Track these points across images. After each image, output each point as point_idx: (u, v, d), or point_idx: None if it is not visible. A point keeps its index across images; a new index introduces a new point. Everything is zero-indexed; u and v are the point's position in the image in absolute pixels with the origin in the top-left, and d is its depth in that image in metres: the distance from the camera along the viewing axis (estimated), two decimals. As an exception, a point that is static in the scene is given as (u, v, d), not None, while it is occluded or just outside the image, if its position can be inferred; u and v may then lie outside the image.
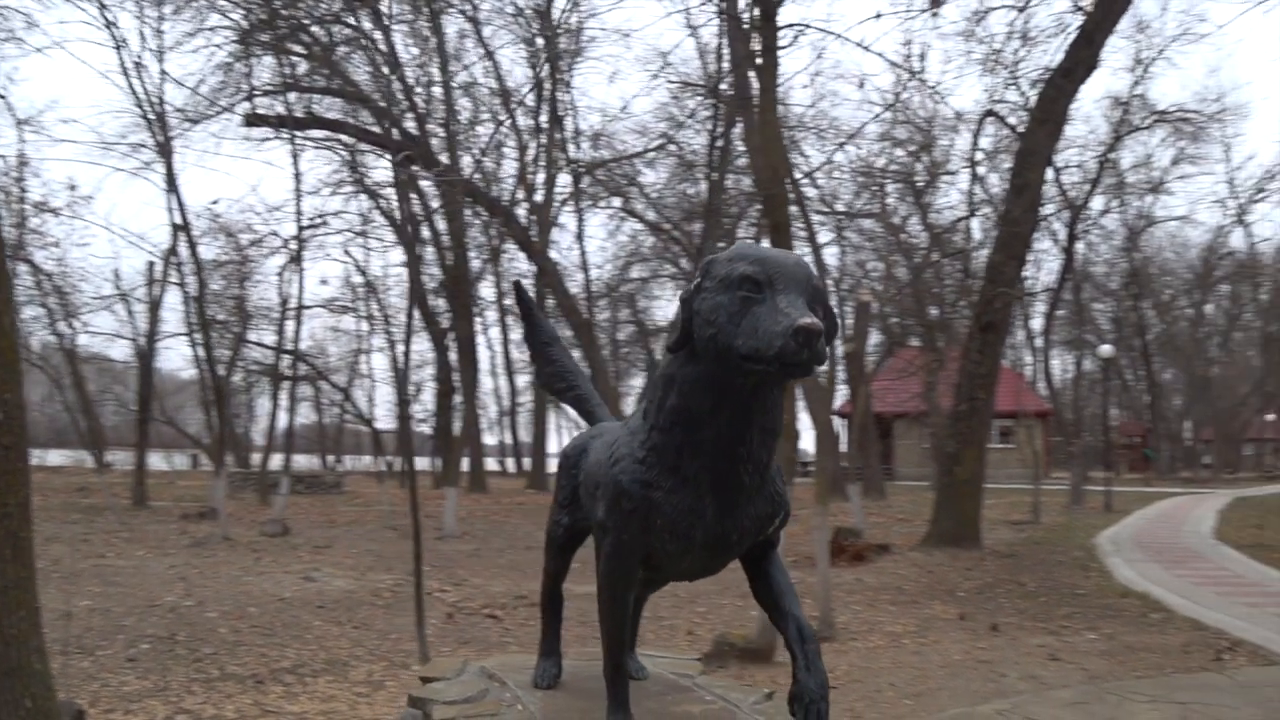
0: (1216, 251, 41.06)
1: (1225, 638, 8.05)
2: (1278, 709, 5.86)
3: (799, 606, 2.30)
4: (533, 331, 3.23)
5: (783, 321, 1.87)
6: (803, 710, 2.15)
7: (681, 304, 2.11)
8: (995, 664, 7.36)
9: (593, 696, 2.52)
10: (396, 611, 9.37)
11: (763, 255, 2.01)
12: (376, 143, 24.80)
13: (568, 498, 2.82)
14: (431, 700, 2.60)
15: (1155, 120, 29.25)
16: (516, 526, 19.66)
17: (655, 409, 2.18)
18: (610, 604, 2.39)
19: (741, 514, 2.21)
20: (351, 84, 23.04)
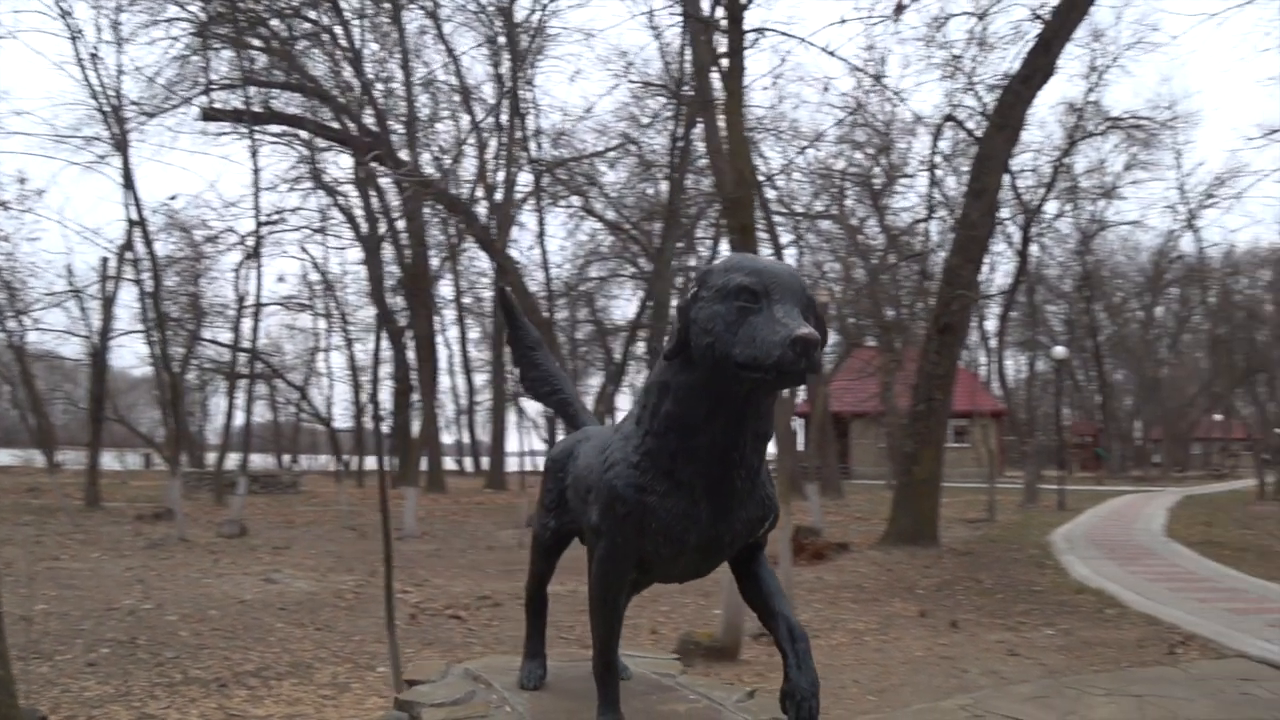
0: (1167, 255, 41.92)
1: (1178, 632, 8.24)
2: (1230, 701, 6.03)
3: (788, 607, 2.35)
4: (517, 336, 3.23)
5: (780, 332, 1.91)
6: (794, 708, 2.19)
7: (678, 312, 2.14)
8: (956, 660, 7.47)
9: (579, 697, 2.54)
10: (359, 613, 9.30)
11: (759, 266, 2.05)
12: (335, 139, 24.61)
13: (555, 501, 2.83)
14: (418, 703, 2.60)
15: (1109, 126, 29.82)
16: (476, 526, 19.58)
17: (649, 415, 2.21)
18: (602, 606, 2.42)
19: (734, 518, 2.25)
20: (310, 79, 22.82)
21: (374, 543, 15.81)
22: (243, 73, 22.34)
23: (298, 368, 43.32)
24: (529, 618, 3.10)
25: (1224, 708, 5.88)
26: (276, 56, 21.94)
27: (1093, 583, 11.19)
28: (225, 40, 20.90)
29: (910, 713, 5.94)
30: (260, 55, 22.50)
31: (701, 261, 35.86)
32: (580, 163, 27.59)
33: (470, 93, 29.46)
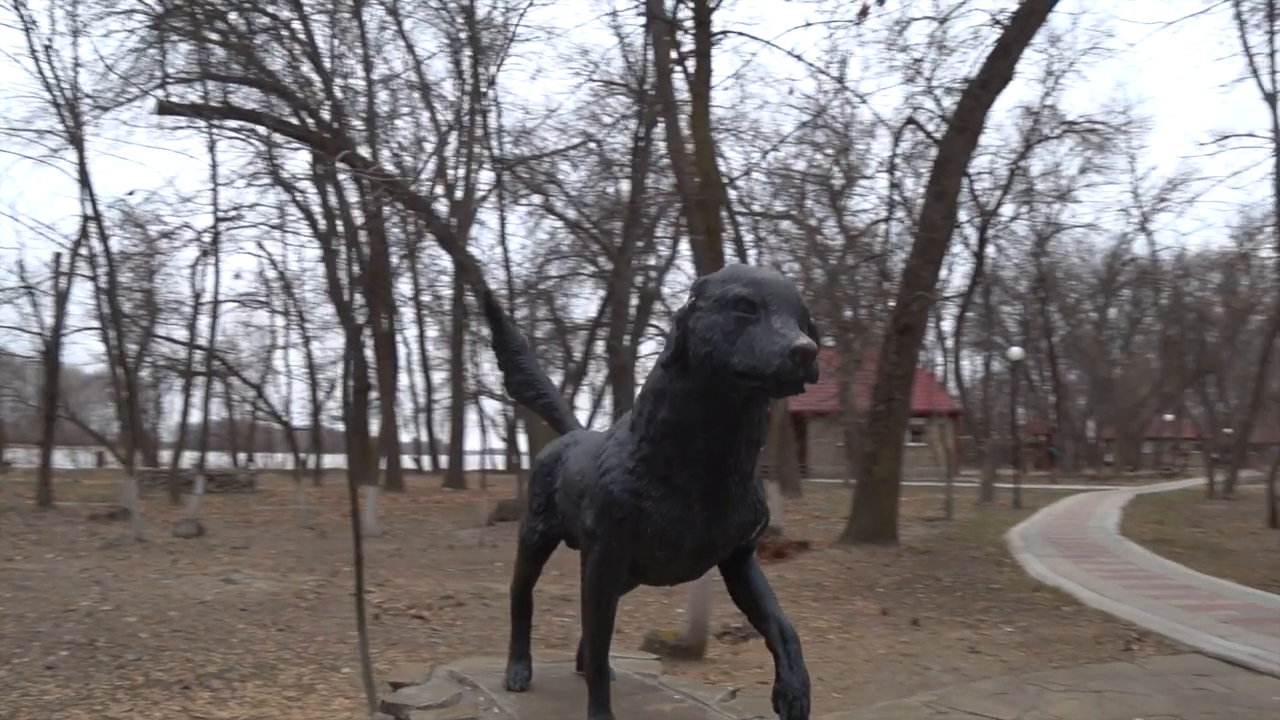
0: (1120, 258, 42.68)
1: (1134, 629, 8.41)
2: (1186, 696, 6.17)
3: (779, 608, 2.39)
4: (503, 340, 3.25)
5: (779, 342, 1.96)
6: (787, 706, 2.25)
7: (676, 322, 2.19)
8: (918, 657, 7.57)
9: (566, 698, 2.56)
10: (321, 613, 9.23)
11: (757, 278, 2.10)
12: (294, 135, 24.33)
13: (542, 504, 2.86)
14: (406, 706, 2.61)
15: (1064, 130, 30.25)
16: (436, 526, 19.48)
17: (644, 421, 2.25)
18: (596, 609, 2.45)
19: (727, 522, 2.30)
20: (269, 74, 22.54)
21: (334, 542, 15.69)
22: (200, 66, 22.00)
23: (254, 365, 42.82)
24: (514, 619, 3.13)
25: (1180, 703, 6.01)
26: (234, 51, 21.63)
27: (1050, 580, 11.37)
28: (182, 33, 20.57)
29: (875, 710, 6.02)
30: (218, 49, 22.18)
31: (661, 261, 36.00)
32: (541, 161, 27.49)
33: (430, 89, 29.27)
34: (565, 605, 9.95)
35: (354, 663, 7.31)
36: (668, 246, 35.52)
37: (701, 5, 9.87)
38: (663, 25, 18.63)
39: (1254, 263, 34.54)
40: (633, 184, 27.03)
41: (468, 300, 34.03)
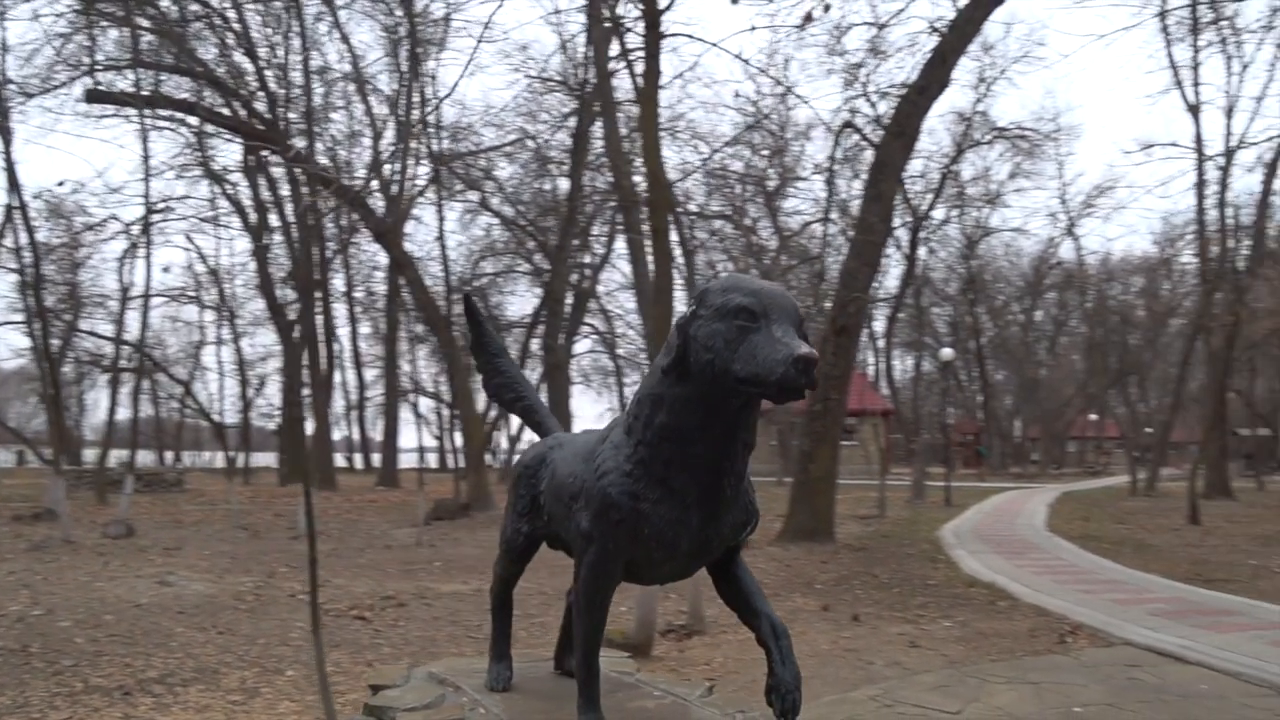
0: (1047, 261, 43.73)
1: (1067, 622, 8.64)
2: (1120, 686, 6.38)
3: (769, 605, 2.45)
4: (482, 343, 3.25)
5: (782, 351, 2.02)
6: (779, 700, 2.33)
7: (677, 329, 2.24)
8: (861, 652, 7.70)
9: (550, 697, 2.57)
10: (261, 615, 9.06)
11: (756, 287, 2.17)
12: (227, 126, 23.83)
13: (527, 506, 2.88)
14: (390, 708, 2.59)
15: (995, 136, 30.93)
16: (372, 525, 19.23)
17: (642, 426, 2.30)
18: (590, 609, 2.46)
19: (721, 523, 2.36)
20: (201, 63, 22.04)
21: (268, 542, 15.42)
22: (131, 53, 21.41)
23: (182, 362, 41.84)
24: (495, 620, 3.13)
25: (1114, 693, 6.21)
26: (166, 38, 21.10)
27: (984, 576, 11.63)
28: (112, 19, 19.99)
29: (822, 704, 6.10)
30: (149, 35, 21.61)
31: (596, 259, 36.02)
32: (478, 157, 27.29)
33: (367, 82, 28.86)
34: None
35: (298, 665, 7.21)
36: (603, 245, 35.65)
37: (651, 7, 9.90)
38: (603, 26, 18.66)
39: (1175, 268, 35.72)
40: (571, 182, 27.00)
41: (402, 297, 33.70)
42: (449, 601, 10.18)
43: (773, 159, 29.48)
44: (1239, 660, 6.90)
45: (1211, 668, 6.81)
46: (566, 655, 3.15)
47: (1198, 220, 23.36)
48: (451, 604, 10.02)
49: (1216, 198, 22.85)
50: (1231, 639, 7.68)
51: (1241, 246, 23.23)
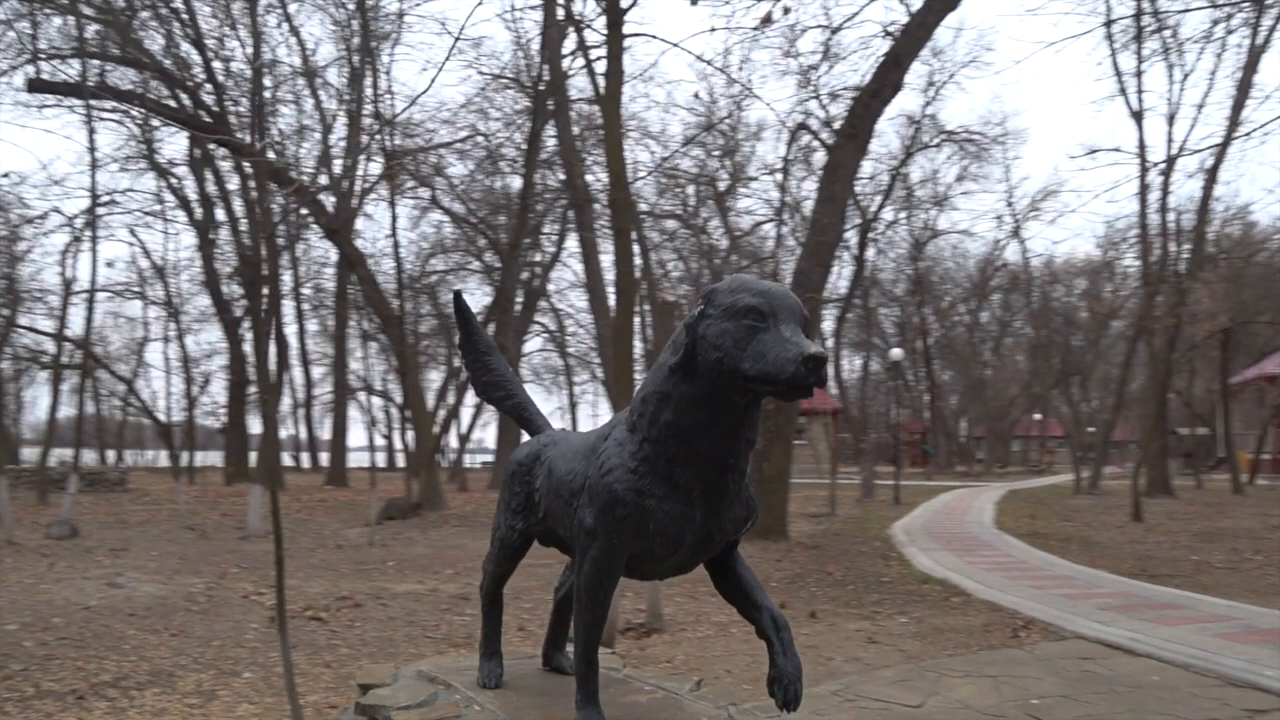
0: (993, 263, 44.47)
1: (1020, 617, 8.80)
2: (1074, 678, 6.52)
3: (769, 598, 2.48)
4: (471, 341, 3.24)
5: (792, 350, 2.06)
6: (782, 690, 2.39)
7: (685, 329, 2.26)
8: (820, 648, 7.77)
9: (544, 693, 2.57)
10: (214, 617, 8.92)
11: (764, 288, 2.21)
12: (173, 118, 23.38)
13: (522, 504, 2.88)
14: (383, 707, 2.57)
15: (944, 139, 31.37)
16: (322, 525, 19.02)
17: (647, 423, 2.32)
18: (593, 604, 2.47)
19: (724, 518, 2.39)
20: (147, 54, 21.59)
21: (216, 543, 15.17)
22: (76, 42, 20.90)
23: (125, 359, 40.96)
24: (486, 618, 3.12)
25: (1069, 684, 6.35)
26: (110, 27, 20.63)
27: (937, 573, 11.80)
28: (55, 6, 19.50)
29: (786, 700, 6.16)
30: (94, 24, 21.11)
31: (546, 257, 35.94)
32: (428, 153, 27.04)
33: (317, 75, 28.47)
34: (465, 605, 9.88)
35: (255, 667, 7.12)
36: (553, 243, 35.60)
37: (614, 8, 9.88)
38: (558, 24, 18.63)
39: (1117, 270, 36.51)
40: (523, 181, 26.88)
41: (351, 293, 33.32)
42: (405, 602, 10.10)
43: (724, 159, 29.63)
44: (1187, 652, 7.09)
45: (1161, 659, 6.98)
46: (554, 652, 3.15)
47: (1140, 225, 23.91)
48: (408, 604, 9.94)
49: (1159, 203, 23.42)
50: (1178, 632, 7.88)
51: (1183, 251, 23.80)
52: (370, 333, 37.23)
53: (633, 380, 13.88)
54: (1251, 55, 21.15)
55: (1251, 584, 11.02)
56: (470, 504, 23.37)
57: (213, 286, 33.71)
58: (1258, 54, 21.03)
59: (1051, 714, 5.68)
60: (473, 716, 2.45)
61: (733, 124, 27.61)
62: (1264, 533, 16.51)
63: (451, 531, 18.02)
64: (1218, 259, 26.03)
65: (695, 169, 29.52)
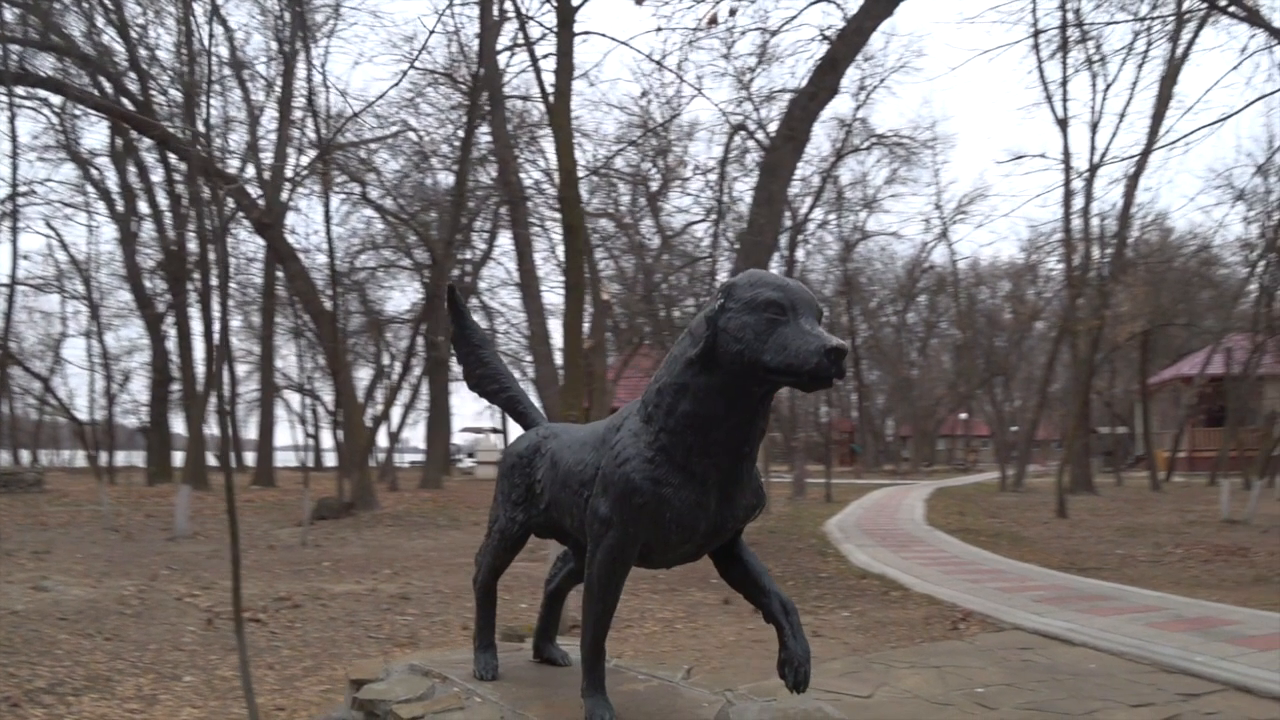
0: (920, 265, 45.33)
1: (958, 610, 9.00)
2: (1015, 667, 6.69)
3: (775, 583, 2.53)
4: (464, 334, 3.24)
5: (814, 342, 2.15)
6: (792, 672, 2.50)
7: (706, 322, 2.32)
8: (767, 643, 7.85)
9: (541, 684, 2.56)
10: (148, 620, 8.69)
11: (783, 283, 2.29)
12: (95, 107, 22.67)
13: (523, 496, 2.89)
14: (383, 702, 2.53)
15: (874, 143, 31.86)
16: (252, 525, 18.59)
17: (663, 414, 2.37)
18: (604, 593, 2.49)
19: (736, 505, 2.46)
20: (67, 39, 20.91)
21: (142, 544, 14.75)
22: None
23: (40, 355, 39.58)
24: (481, 611, 3.11)
25: (1011, 673, 6.52)
26: (29, 12, 19.92)
27: (874, 569, 12.00)
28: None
29: (741, 692, 6.21)
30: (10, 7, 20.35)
31: (478, 255, 35.66)
32: (358, 148, 26.62)
33: (246, 65, 27.84)
34: (406, 604, 9.79)
35: (195, 670, 6.94)
36: (485, 241, 35.35)
37: (565, 6, 9.84)
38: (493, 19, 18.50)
39: (1040, 273, 37.49)
40: (457, 177, 26.65)
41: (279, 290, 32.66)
42: (345, 602, 9.96)
43: (657, 159, 29.67)
44: (1121, 641, 7.32)
45: (1097, 648, 7.20)
46: (545, 644, 3.15)
47: (1064, 229, 24.60)
48: (348, 604, 9.81)
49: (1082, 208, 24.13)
50: (1111, 621, 8.13)
51: (1106, 255, 24.53)
52: (298, 329, 36.58)
53: (582, 377, 13.86)
54: (1171, 67, 21.94)
55: (1174, 576, 11.43)
56: (402, 504, 23.09)
57: (134, 281, 32.75)
58: (1177, 66, 21.82)
59: (997, 701, 5.82)
60: (475, 708, 2.43)
61: (668, 124, 27.66)
62: (1182, 528, 17.13)
63: (386, 531, 17.80)
64: (1137, 264, 26.88)
65: (629, 168, 29.52)
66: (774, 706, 2.64)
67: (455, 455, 50.70)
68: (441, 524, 19.02)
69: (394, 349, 43.85)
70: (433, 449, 35.44)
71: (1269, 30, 11.58)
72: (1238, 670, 6.36)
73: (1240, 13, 11.56)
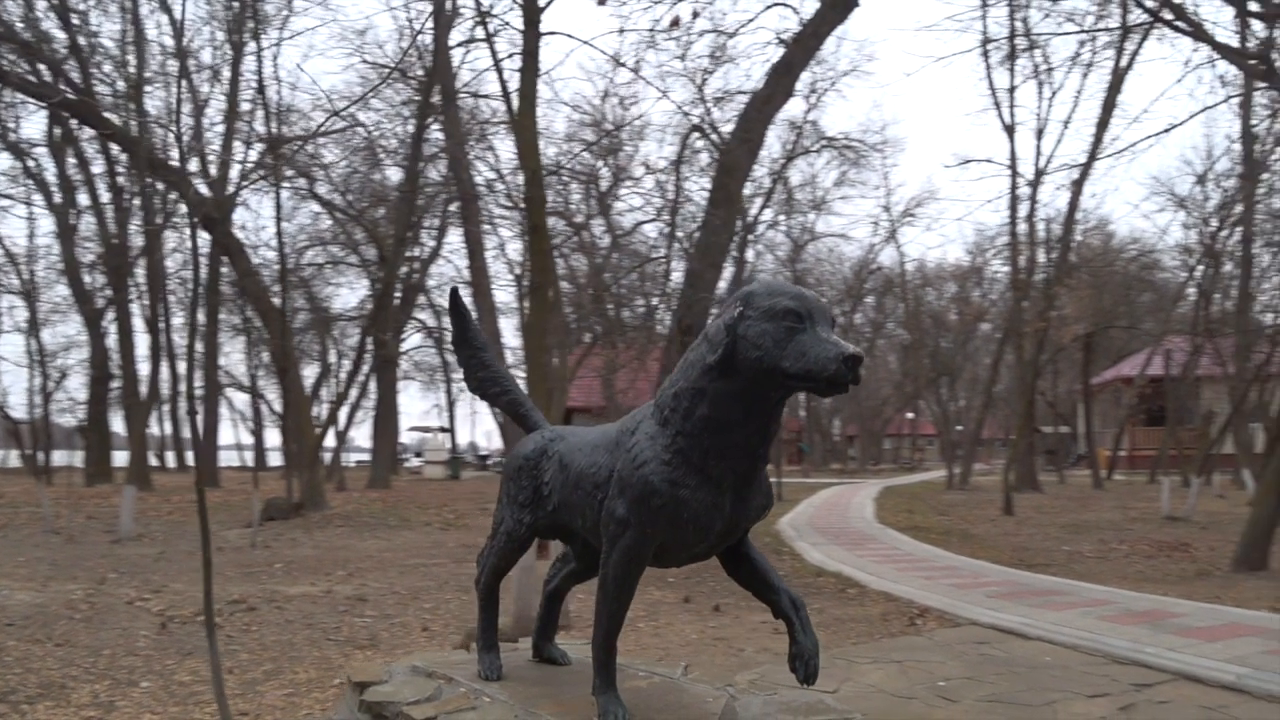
0: (867, 266, 45.81)
1: (915, 606, 9.15)
2: (974, 661, 6.83)
3: (783, 580, 2.58)
4: (466, 337, 3.26)
5: (832, 350, 2.24)
6: (803, 665, 2.63)
7: (726, 329, 2.39)
8: (730, 640, 7.93)
9: (547, 682, 2.58)
10: (99, 625, 8.50)
11: (800, 292, 2.38)
12: (32, 94, 22.09)
13: (530, 498, 2.93)
14: (393, 704, 2.53)
15: (824, 145, 32.12)
16: (197, 527, 18.21)
17: (681, 418, 2.46)
18: (619, 592, 2.54)
19: (749, 505, 2.56)
20: (1, 23, 20.37)
21: (86, 547, 14.41)
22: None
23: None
24: (484, 612, 3.13)
25: (970, 667, 6.65)
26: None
27: (830, 566, 12.14)
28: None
29: (705, 691, 6.26)
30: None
31: (425, 252, 35.39)
32: (306, 143, 26.23)
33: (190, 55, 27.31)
34: (364, 606, 9.70)
35: (152, 676, 6.81)
36: (433, 238, 35.08)
37: (531, 5, 9.81)
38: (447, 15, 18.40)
39: (985, 276, 38.15)
40: (410, 174, 26.39)
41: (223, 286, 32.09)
42: (300, 604, 9.83)
43: (608, 158, 29.62)
44: (1074, 634, 7.50)
45: (1052, 641, 7.38)
46: (544, 643, 3.18)
47: (1010, 233, 25.06)
48: (304, 607, 9.69)
49: (1028, 213, 24.63)
50: (1064, 615, 8.33)
51: (1051, 259, 25.04)
52: (241, 327, 35.96)
53: (544, 377, 13.82)
54: (1115, 77, 22.48)
55: (1120, 571, 11.73)
56: (351, 504, 22.82)
57: (73, 275, 31.96)
58: (1121, 76, 22.37)
59: (959, 694, 5.94)
60: (487, 708, 2.44)
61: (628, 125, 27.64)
62: (1125, 524, 17.57)
63: (336, 532, 17.60)
64: (1080, 268, 27.46)
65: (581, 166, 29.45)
66: (777, 700, 2.69)
67: (403, 454, 50.28)
68: (393, 524, 18.85)
69: (341, 346, 43.35)
70: (380, 448, 35.10)
71: (1212, 44, 11.91)
72: (1186, 660, 6.56)
73: (1185, 27, 11.86)
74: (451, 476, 39.12)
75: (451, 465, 40.80)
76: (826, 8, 15.56)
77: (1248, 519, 11.93)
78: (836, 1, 15.39)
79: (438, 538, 17.05)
